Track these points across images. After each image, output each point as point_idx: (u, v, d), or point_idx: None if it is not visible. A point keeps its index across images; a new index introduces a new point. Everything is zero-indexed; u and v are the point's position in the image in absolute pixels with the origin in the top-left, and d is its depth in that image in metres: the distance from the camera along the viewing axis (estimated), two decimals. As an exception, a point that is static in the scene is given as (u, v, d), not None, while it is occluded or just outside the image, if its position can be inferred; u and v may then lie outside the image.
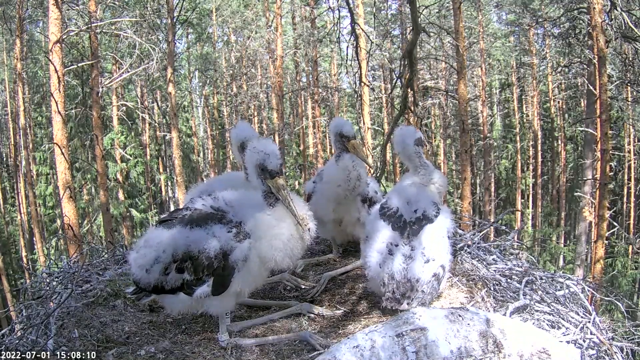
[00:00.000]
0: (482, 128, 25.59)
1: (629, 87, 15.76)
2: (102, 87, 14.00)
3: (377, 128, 25.88)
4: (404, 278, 2.98)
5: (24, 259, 20.89)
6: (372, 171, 6.35)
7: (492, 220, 8.24)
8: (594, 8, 11.16)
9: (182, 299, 2.75)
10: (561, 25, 17.69)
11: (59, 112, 9.62)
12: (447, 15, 20.98)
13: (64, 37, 10.18)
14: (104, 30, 15.44)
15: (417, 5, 5.67)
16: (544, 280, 3.37)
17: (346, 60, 6.98)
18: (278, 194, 2.72)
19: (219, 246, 2.61)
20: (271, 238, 2.69)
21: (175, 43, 17.63)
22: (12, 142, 21.98)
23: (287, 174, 24.84)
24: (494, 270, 3.53)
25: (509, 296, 3.20)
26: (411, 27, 5.96)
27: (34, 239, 20.25)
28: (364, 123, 16.91)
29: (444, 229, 3.16)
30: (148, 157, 25.54)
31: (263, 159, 2.71)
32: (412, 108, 6.16)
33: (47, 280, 3.88)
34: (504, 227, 4.51)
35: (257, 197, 2.81)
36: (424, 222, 3.10)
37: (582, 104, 23.07)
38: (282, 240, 2.71)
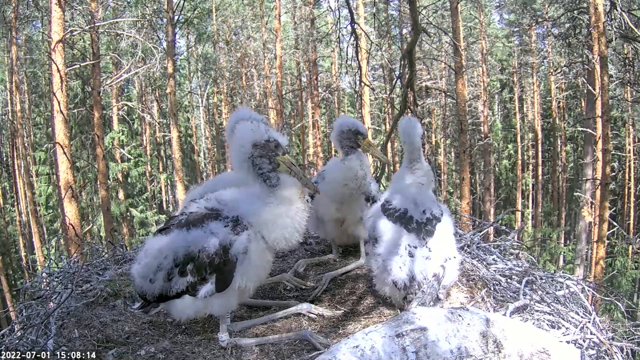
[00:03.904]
0: (482, 128, 25.58)
1: (628, 87, 15.75)
2: (104, 87, 13.98)
3: (377, 128, 25.86)
4: (425, 279, 3.01)
5: (24, 259, 20.88)
6: (379, 170, 6.30)
7: (492, 220, 8.24)
8: (595, 8, 11.16)
9: (188, 301, 2.74)
10: (561, 25, 17.69)
11: (61, 112, 9.56)
12: (446, 16, 20.99)
13: (67, 36, 10.15)
14: (106, 30, 15.44)
15: (417, 5, 5.67)
16: (544, 280, 3.37)
17: (346, 60, 6.98)
18: (291, 169, 2.75)
19: (218, 242, 2.62)
20: (276, 218, 2.70)
21: (175, 43, 17.63)
22: (11, 143, 21.98)
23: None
24: (494, 270, 3.53)
25: (509, 296, 3.20)
26: (411, 27, 5.97)
27: (34, 239, 20.25)
28: (364, 123, 16.88)
29: (450, 226, 3.19)
30: (148, 156, 25.52)
31: (277, 137, 2.74)
32: (412, 108, 6.17)
33: (47, 280, 3.88)
34: (504, 227, 4.50)
35: (250, 189, 2.82)
36: (434, 222, 3.13)
37: (582, 104, 23.05)
38: (290, 215, 2.73)
